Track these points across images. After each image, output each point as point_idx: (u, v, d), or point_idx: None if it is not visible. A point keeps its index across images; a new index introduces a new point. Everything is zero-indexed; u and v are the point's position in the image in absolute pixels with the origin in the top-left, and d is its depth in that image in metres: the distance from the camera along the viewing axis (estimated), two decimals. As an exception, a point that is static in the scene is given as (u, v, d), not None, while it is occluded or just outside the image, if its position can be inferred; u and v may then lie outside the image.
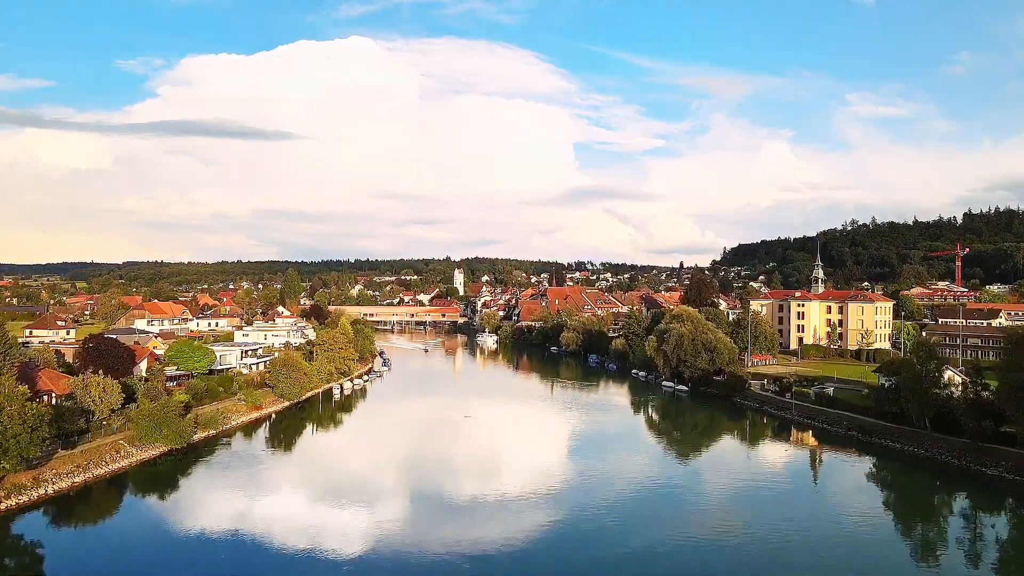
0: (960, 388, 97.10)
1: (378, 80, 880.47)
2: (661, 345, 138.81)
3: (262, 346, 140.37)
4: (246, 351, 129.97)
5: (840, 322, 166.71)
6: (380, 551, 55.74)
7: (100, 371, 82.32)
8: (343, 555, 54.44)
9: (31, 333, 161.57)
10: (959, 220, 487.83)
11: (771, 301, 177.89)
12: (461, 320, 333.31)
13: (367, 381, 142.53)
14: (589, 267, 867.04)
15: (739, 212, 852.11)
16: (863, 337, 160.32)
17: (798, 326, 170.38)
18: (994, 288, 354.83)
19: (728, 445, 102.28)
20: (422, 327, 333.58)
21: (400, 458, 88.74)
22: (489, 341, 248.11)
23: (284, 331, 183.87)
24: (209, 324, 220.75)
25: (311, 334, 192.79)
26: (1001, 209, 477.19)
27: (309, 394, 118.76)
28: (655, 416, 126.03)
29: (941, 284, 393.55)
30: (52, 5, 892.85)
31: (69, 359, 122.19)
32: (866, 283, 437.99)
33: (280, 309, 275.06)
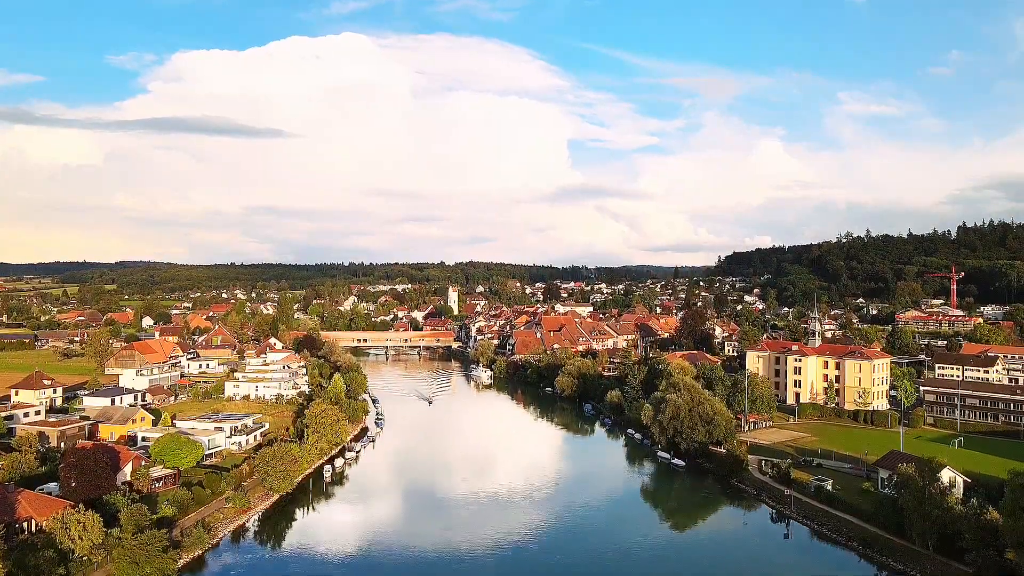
0: (961, 491, 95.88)
1: (371, 77, 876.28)
2: (657, 415, 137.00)
3: (253, 416, 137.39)
4: (235, 428, 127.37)
5: (837, 378, 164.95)
6: None
7: (80, 505, 79.80)
8: None
9: (17, 395, 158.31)
10: (953, 234, 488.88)
11: (768, 353, 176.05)
12: (455, 345, 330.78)
13: (359, 452, 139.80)
14: (584, 272, 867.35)
15: (731, 210, 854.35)
16: (860, 395, 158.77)
17: (795, 381, 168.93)
18: (989, 309, 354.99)
19: (726, 549, 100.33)
20: (415, 351, 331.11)
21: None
22: (484, 376, 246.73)
23: (276, 381, 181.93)
24: (200, 366, 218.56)
25: (303, 382, 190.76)
26: (995, 223, 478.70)
27: (300, 478, 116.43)
28: (649, 490, 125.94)
29: (936, 303, 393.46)
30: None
31: (53, 442, 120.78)
32: (861, 299, 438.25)
33: (272, 341, 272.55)
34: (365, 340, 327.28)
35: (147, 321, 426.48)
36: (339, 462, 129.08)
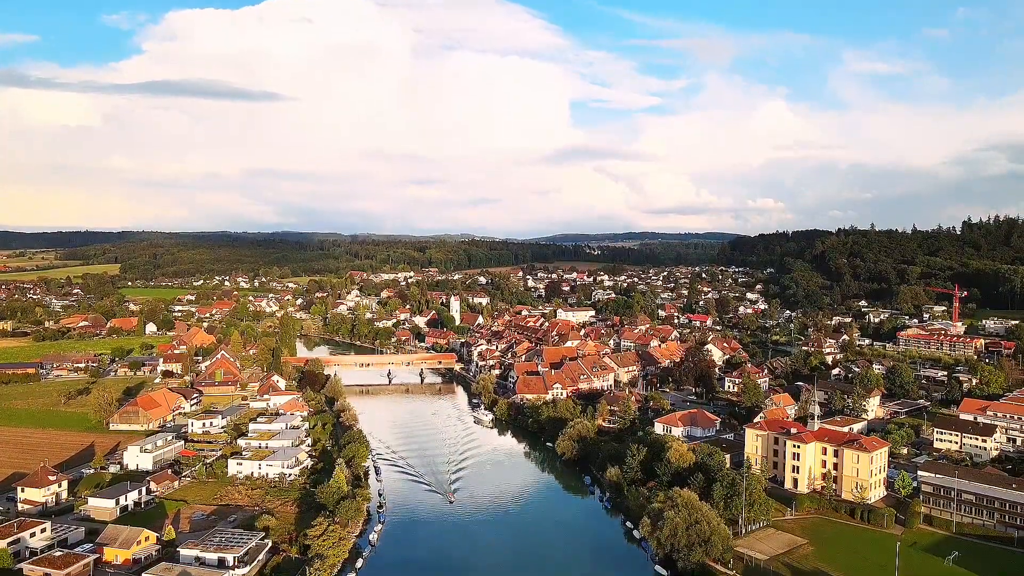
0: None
1: (368, 36, 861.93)
2: (655, 531, 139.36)
3: (256, 537, 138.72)
4: (238, 558, 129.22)
5: (835, 465, 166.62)
6: None
7: None
8: None
9: (23, 491, 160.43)
10: (958, 230, 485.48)
11: (767, 434, 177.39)
12: (457, 367, 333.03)
13: (360, 568, 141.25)
14: (587, 251, 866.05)
15: (733, 171, 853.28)
16: (858, 488, 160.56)
17: (793, 466, 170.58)
18: (991, 323, 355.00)
19: None
20: (418, 373, 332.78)
21: None
22: (486, 420, 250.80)
23: (279, 460, 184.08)
24: (203, 425, 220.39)
25: (305, 456, 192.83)
26: (1001, 219, 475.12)
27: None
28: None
29: (938, 310, 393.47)
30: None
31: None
32: (863, 302, 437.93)
33: (275, 379, 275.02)
34: (368, 364, 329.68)
35: (151, 328, 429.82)
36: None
